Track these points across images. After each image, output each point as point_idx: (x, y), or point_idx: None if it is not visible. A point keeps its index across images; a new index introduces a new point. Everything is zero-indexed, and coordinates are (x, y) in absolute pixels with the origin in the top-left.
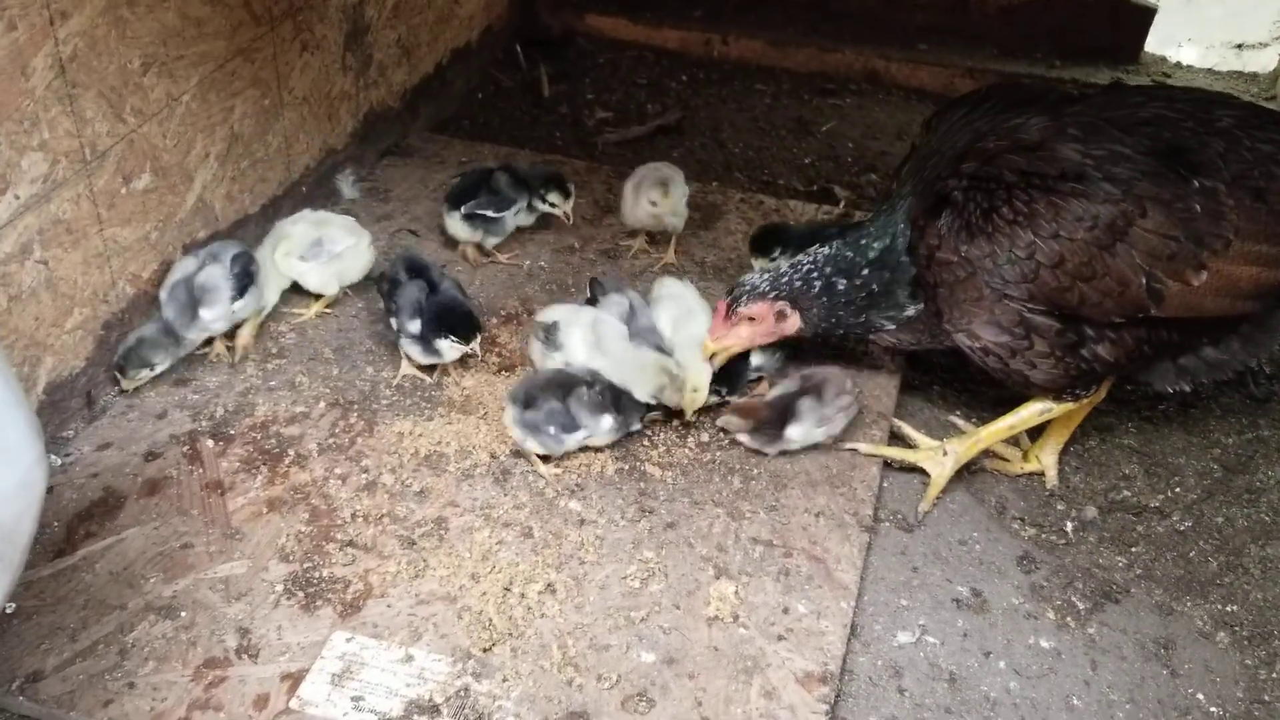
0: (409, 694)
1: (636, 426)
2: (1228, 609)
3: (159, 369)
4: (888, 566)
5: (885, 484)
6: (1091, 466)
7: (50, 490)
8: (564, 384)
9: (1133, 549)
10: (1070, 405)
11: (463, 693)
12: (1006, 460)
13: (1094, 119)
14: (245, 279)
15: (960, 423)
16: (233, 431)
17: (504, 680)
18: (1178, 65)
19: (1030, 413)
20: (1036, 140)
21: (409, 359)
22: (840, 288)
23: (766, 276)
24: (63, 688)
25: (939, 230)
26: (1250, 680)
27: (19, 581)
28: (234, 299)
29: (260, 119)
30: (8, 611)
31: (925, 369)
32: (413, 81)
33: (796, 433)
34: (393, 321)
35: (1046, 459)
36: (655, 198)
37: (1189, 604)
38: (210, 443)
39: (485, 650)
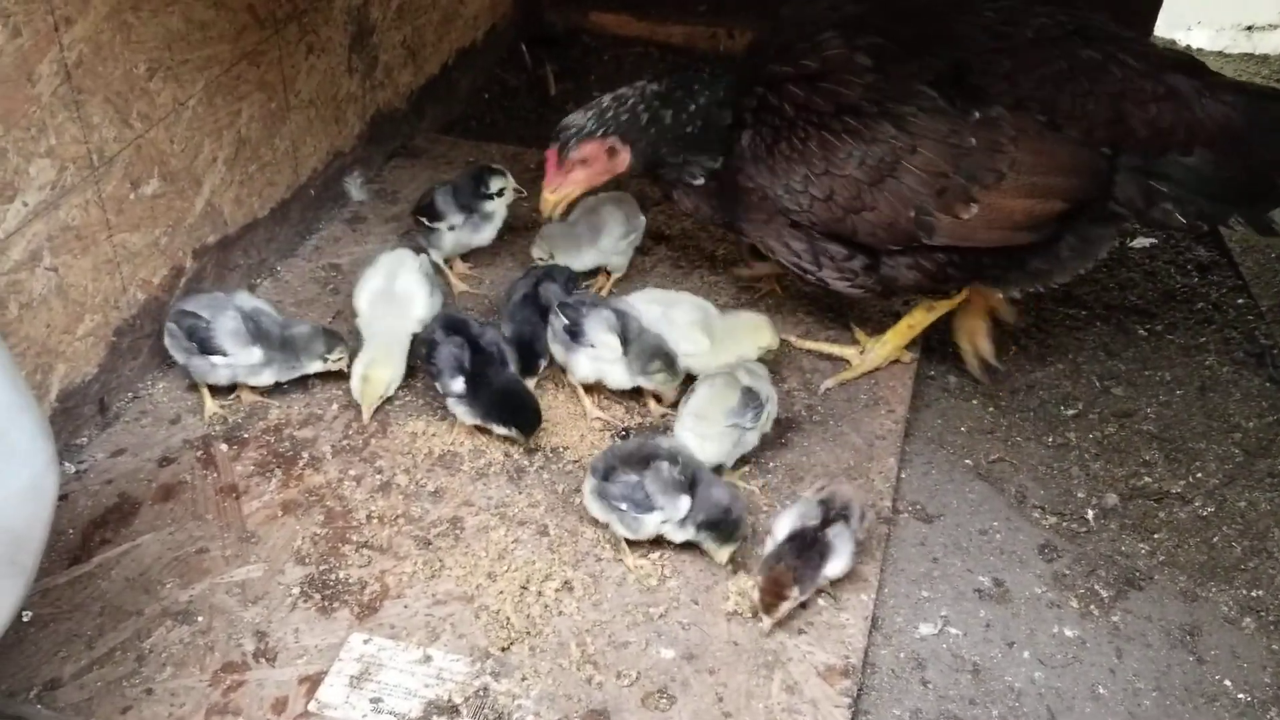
0: (428, 694)
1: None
2: (1253, 594)
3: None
4: (907, 558)
5: (903, 475)
6: (1111, 453)
7: (65, 497)
8: (645, 457)
9: (1155, 535)
10: (945, 303)
11: (482, 692)
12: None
13: (887, 41)
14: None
15: (977, 410)
16: (246, 435)
17: (523, 679)
18: (1187, 48)
19: (919, 313)
20: (819, 70)
21: (458, 419)
22: (666, 121)
23: (590, 114)
24: (80, 695)
25: (740, 150)
26: (1278, 665)
27: (35, 589)
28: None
29: (267, 122)
30: (24, 619)
31: (941, 358)
32: (419, 82)
33: (836, 569)
34: (437, 385)
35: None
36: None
37: (1214, 590)
38: (224, 447)
39: (503, 649)
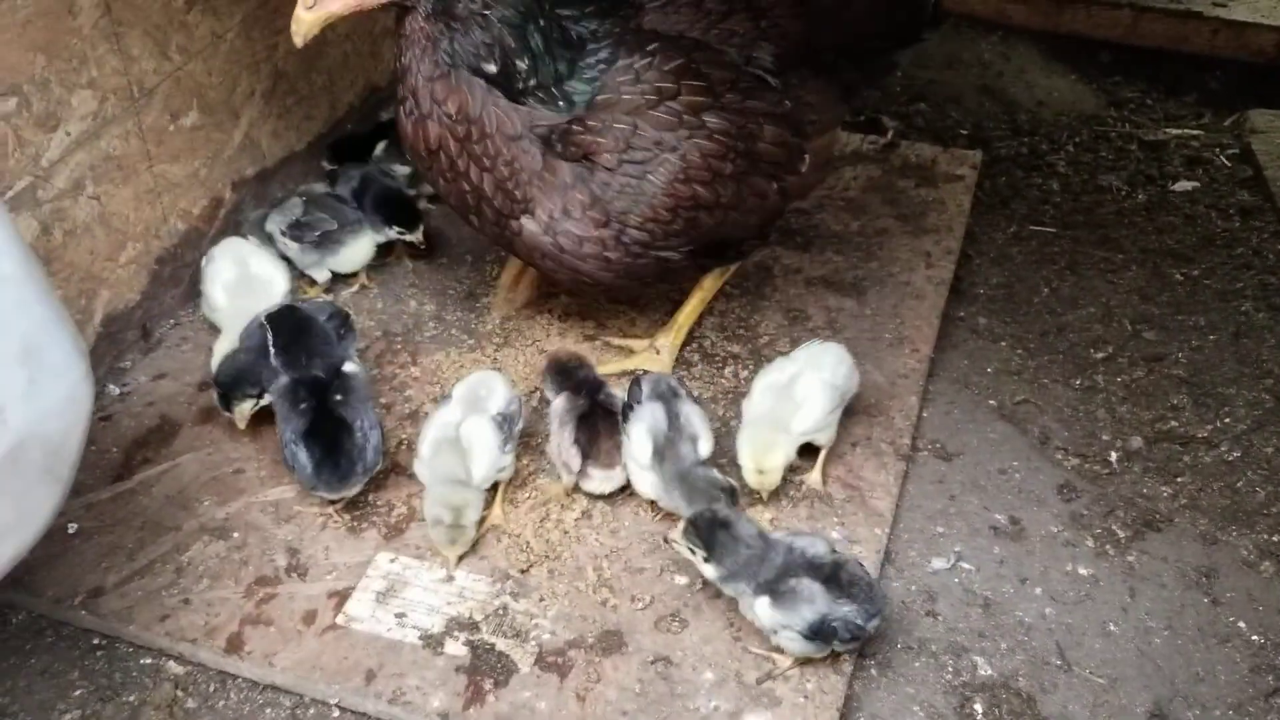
0: (450, 611)
1: None
2: (1274, 538)
3: None
4: (925, 495)
5: (925, 414)
6: (1139, 396)
7: (109, 418)
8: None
9: (1178, 479)
10: (733, 265)
11: (501, 611)
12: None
13: (673, 42)
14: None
15: (1005, 352)
16: None
17: (541, 600)
18: None
19: (709, 281)
20: (674, 89)
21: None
22: (491, 15)
23: None
24: (122, 603)
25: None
26: None
27: (80, 503)
28: None
29: (304, 57)
30: (70, 532)
31: (970, 300)
32: None
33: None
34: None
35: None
36: None
37: (1234, 534)
38: None
39: (523, 571)
